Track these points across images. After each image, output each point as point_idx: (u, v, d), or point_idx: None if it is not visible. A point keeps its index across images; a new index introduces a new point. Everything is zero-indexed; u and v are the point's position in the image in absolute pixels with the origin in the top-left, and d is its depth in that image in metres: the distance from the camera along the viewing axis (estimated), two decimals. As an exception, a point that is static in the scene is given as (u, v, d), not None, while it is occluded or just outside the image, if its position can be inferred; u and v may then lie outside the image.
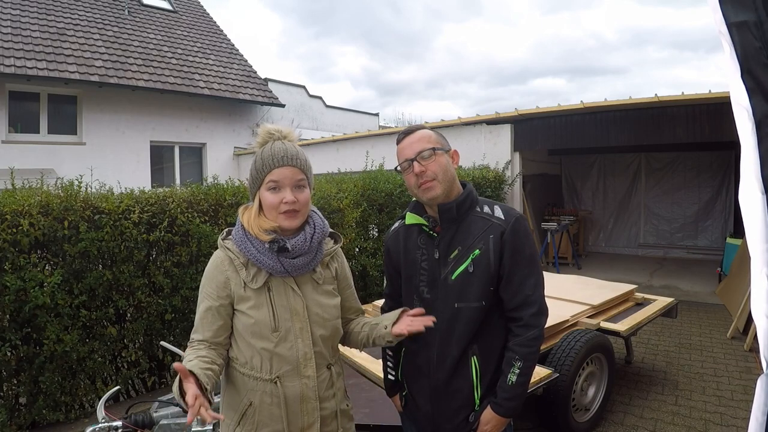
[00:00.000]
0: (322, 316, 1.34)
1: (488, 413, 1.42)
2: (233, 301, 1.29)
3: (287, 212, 1.27)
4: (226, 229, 1.38)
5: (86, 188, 3.39)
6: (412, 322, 1.37)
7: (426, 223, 1.47)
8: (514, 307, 1.42)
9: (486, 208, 1.47)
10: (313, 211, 1.39)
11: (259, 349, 1.26)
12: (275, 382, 1.26)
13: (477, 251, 1.41)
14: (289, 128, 1.35)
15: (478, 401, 1.45)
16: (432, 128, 1.53)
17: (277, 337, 1.26)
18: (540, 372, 2.54)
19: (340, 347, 1.56)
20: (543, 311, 1.43)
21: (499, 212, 1.45)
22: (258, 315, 1.26)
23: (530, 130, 6.94)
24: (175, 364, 1.08)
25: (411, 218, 1.51)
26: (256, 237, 1.27)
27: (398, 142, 1.48)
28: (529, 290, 1.41)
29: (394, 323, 1.40)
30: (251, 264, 1.29)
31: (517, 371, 1.38)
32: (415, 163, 1.40)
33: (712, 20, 0.80)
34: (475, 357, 1.43)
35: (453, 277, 1.42)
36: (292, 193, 1.27)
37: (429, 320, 1.36)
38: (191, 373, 1.10)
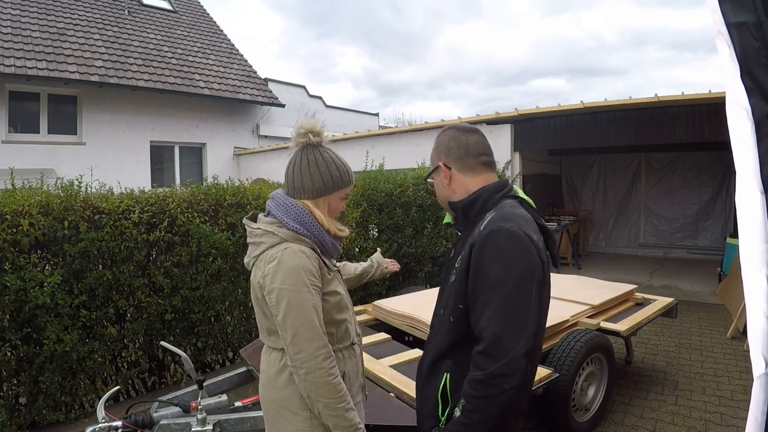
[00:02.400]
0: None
1: None
2: (322, 287, 1.41)
3: (338, 217, 1.55)
4: (274, 221, 1.42)
5: (86, 188, 3.39)
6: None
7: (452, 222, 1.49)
8: (476, 336, 1.19)
9: (489, 215, 1.28)
10: None
11: (344, 320, 1.47)
12: (353, 345, 1.52)
13: (459, 262, 1.27)
14: (323, 132, 1.51)
15: (441, 417, 1.28)
16: (440, 129, 1.48)
17: (349, 306, 1.52)
18: (540, 372, 2.55)
19: None
20: (494, 353, 1.11)
21: (487, 220, 1.25)
22: (342, 290, 1.49)
23: (530, 130, 6.94)
24: None
25: (447, 217, 1.53)
26: (328, 232, 1.45)
27: None
28: (484, 323, 1.15)
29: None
30: (323, 251, 1.46)
31: (461, 409, 1.16)
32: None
33: (712, 21, 0.80)
34: (448, 373, 1.28)
35: (449, 282, 1.33)
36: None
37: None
38: None
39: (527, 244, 1.18)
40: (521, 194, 1.38)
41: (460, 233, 1.43)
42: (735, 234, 7.48)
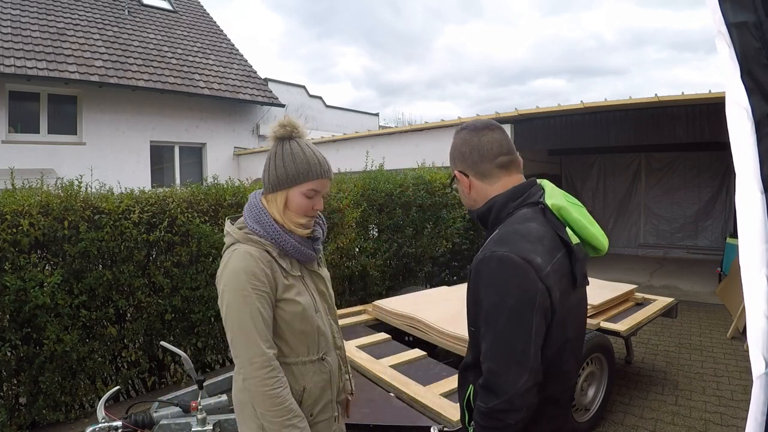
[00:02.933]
0: (330, 292, 1.51)
1: None
2: (275, 294, 1.31)
3: (312, 216, 1.40)
4: (236, 222, 1.38)
5: (86, 188, 3.39)
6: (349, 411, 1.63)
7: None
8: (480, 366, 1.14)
9: (495, 231, 1.18)
10: None
11: (307, 332, 1.35)
12: (322, 360, 1.39)
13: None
14: (304, 127, 1.40)
15: (468, 427, 1.24)
16: (455, 129, 1.32)
17: (319, 318, 1.39)
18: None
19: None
20: (493, 389, 1.06)
21: (488, 240, 1.17)
22: (304, 300, 1.35)
23: (530, 130, 6.94)
24: None
25: None
26: (291, 231, 1.35)
27: None
28: (482, 356, 1.11)
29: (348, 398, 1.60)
30: (283, 254, 1.35)
31: (473, 430, 1.15)
32: None
33: (711, 21, 0.80)
34: (472, 387, 1.25)
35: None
36: (321, 202, 1.40)
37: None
38: None
39: (523, 270, 1.06)
40: (550, 198, 1.20)
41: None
42: (735, 234, 7.48)
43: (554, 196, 1.22)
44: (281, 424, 1.24)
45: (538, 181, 1.28)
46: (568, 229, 1.18)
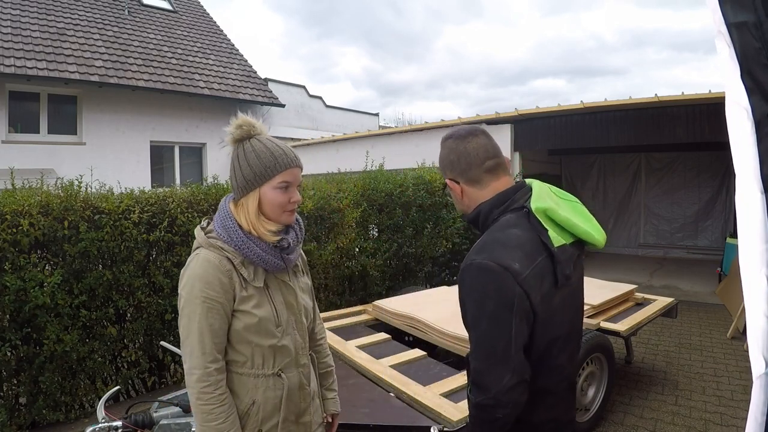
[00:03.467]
0: (306, 306, 1.43)
1: None
2: (233, 303, 1.26)
3: (291, 211, 1.33)
4: (204, 225, 1.33)
5: (86, 188, 3.39)
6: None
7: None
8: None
9: (481, 238, 1.23)
10: None
11: (263, 346, 1.28)
12: (278, 375, 1.31)
13: None
14: (260, 123, 1.35)
15: None
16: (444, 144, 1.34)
17: (280, 332, 1.31)
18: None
19: (341, 348, 1.61)
20: (479, 387, 1.12)
21: (472, 248, 1.21)
22: (262, 313, 1.28)
23: (530, 130, 6.94)
24: None
25: None
26: (259, 237, 1.28)
27: None
28: (469, 357, 1.18)
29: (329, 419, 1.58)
30: (248, 262, 1.28)
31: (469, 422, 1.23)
32: None
33: (711, 21, 0.80)
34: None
35: None
36: (298, 193, 1.33)
37: None
38: None
39: (500, 276, 1.10)
40: (537, 201, 1.22)
41: None
42: (735, 234, 7.47)
43: (541, 197, 1.23)
44: None
45: (527, 181, 1.29)
46: (551, 232, 1.19)
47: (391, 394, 2.35)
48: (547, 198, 1.23)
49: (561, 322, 1.22)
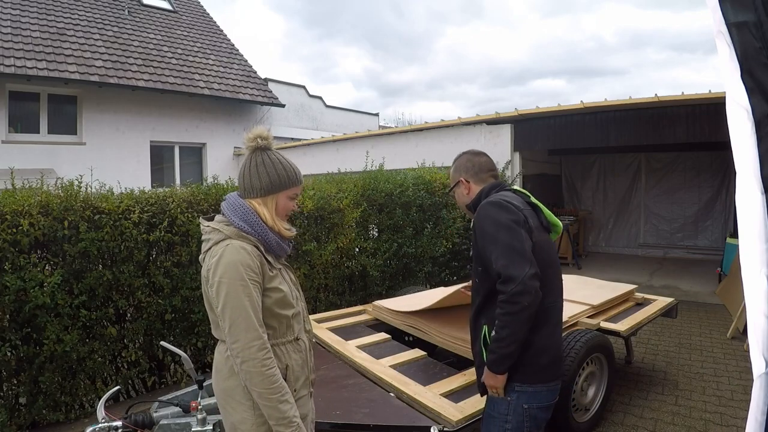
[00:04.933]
0: (299, 283, 1.71)
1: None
2: (263, 283, 1.47)
3: (289, 216, 1.62)
4: (217, 221, 1.54)
5: (86, 188, 3.39)
6: None
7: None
8: (495, 279, 1.60)
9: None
10: None
11: (288, 315, 1.52)
12: (298, 340, 1.57)
13: (472, 238, 1.78)
14: (271, 136, 1.58)
15: (484, 351, 1.73)
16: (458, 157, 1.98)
17: (295, 302, 1.58)
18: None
19: (341, 348, 1.72)
20: (508, 279, 1.53)
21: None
22: (285, 288, 1.53)
23: (530, 130, 6.93)
24: None
25: None
26: (278, 232, 1.54)
27: None
28: (495, 262, 1.58)
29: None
30: (268, 249, 1.52)
31: (495, 330, 1.61)
32: None
33: (711, 21, 0.80)
34: (486, 326, 1.71)
35: (471, 255, 1.83)
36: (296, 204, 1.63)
37: None
38: None
39: (507, 206, 1.66)
40: (516, 188, 1.85)
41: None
42: (735, 234, 7.48)
43: (516, 187, 1.88)
44: (278, 400, 1.38)
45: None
46: (531, 198, 1.80)
47: (391, 394, 2.35)
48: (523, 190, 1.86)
49: (549, 255, 1.72)
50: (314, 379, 1.70)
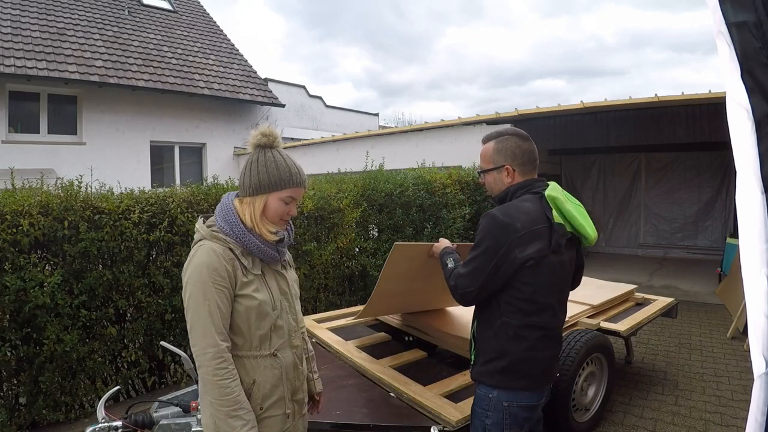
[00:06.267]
0: (297, 293, 1.60)
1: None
2: (234, 289, 1.39)
3: (285, 221, 1.51)
4: (205, 220, 1.46)
5: (86, 188, 3.39)
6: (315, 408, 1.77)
7: None
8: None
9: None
10: None
11: (261, 327, 1.41)
12: (274, 356, 1.44)
13: None
14: (281, 137, 1.51)
15: (471, 355, 1.81)
16: (494, 136, 1.83)
17: (276, 315, 1.45)
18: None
19: (341, 348, 1.66)
20: (456, 282, 1.68)
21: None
22: (261, 296, 1.41)
23: (530, 130, 6.84)
24: None
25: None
26: (260, 234, 1.43)
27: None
28: (465, 260, 1.70)
29: (317, 398, 1.76)
30: (247, 253, 1.42)
31: (453, 263, 1.81)
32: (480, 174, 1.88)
33: (711, 21, 0.80)
34: (476, 321, 1.78)
35: None
36: (295, 209, 1.51)
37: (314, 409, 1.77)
38: None
39: (502, 226, 1.60)
40: (550, 191, 1.70)
41: None
42: (735, 234, 7.48)
43: (554, 190, 1.70)
44: (227, 413, 1.31)
45: (547, 181, 1.77)
46: (554, 212, 1.65)
47: (391, 394, 2.35)
48: (558, 192, 1.69)
49: (552, 275, 1.66)
50: (303, 400, 1.57)
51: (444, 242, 2.07)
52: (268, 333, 1.42)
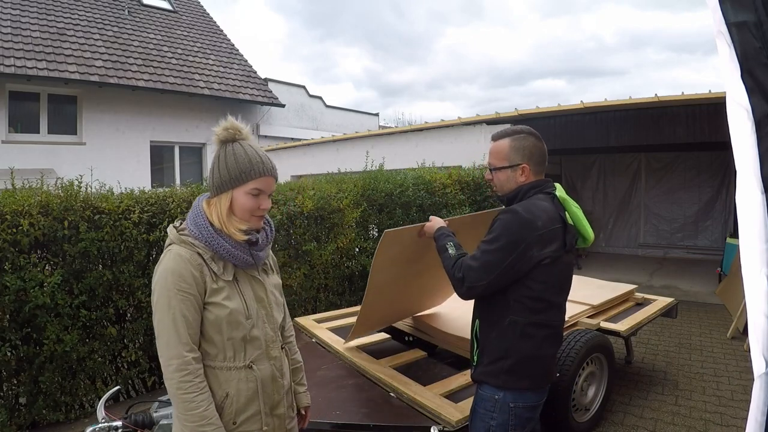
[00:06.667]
0: (277, 300, 1.48)
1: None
2: (203, 296, 1.30)
3: (259, 216, 1.39)
4: (177, 225, 1.38)
5: (86, 188, 3.39)
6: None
7: None
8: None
9: (521, 202, 1.73)
10: None
11: (234, 338, 1.32)
12: (250, 367, 1.35)
13: None
14: (247, 129, 1.41)
15: (474, 355, 1.79)
16: (509, 134, 1.79)
17: (250, 324, 1.35)
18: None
19: (341, 347, 1.62)
20: (466, 278, 1.63)
21: (514, 205, 1.72)
22: (232, 304, 1.32)
23: (530, 130, 6.93)
24: None
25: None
26: (229, 235, 1.33)
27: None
28: (476, 252, 1.66)
29: (303, 412, 1.64)
30: (218, 258, 1.33)
31: (453, 248, 1.77)
32: (487, 171, 1.84)
33: (711, 21, 0.80)
34: (478, 319, 1.77)
35: None
36: (268, 201, 1.39)
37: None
38: None
39: (524, 222, 1.59)
40: (558, 192, 1.78)
41: None
42: (735, 234, 7.48)
43: (561, 191, 1.81)
44: (192, 429, 1.24)
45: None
46: (567, 213, 1.75)
47: (391, 394, 2.35)
48: (564, 194, 1.81)
49: (559, 274, 1.69)
50: (285, 414, 1.45)
51: (436, 221, 1.98)
52: (243, 344, 1.33)
